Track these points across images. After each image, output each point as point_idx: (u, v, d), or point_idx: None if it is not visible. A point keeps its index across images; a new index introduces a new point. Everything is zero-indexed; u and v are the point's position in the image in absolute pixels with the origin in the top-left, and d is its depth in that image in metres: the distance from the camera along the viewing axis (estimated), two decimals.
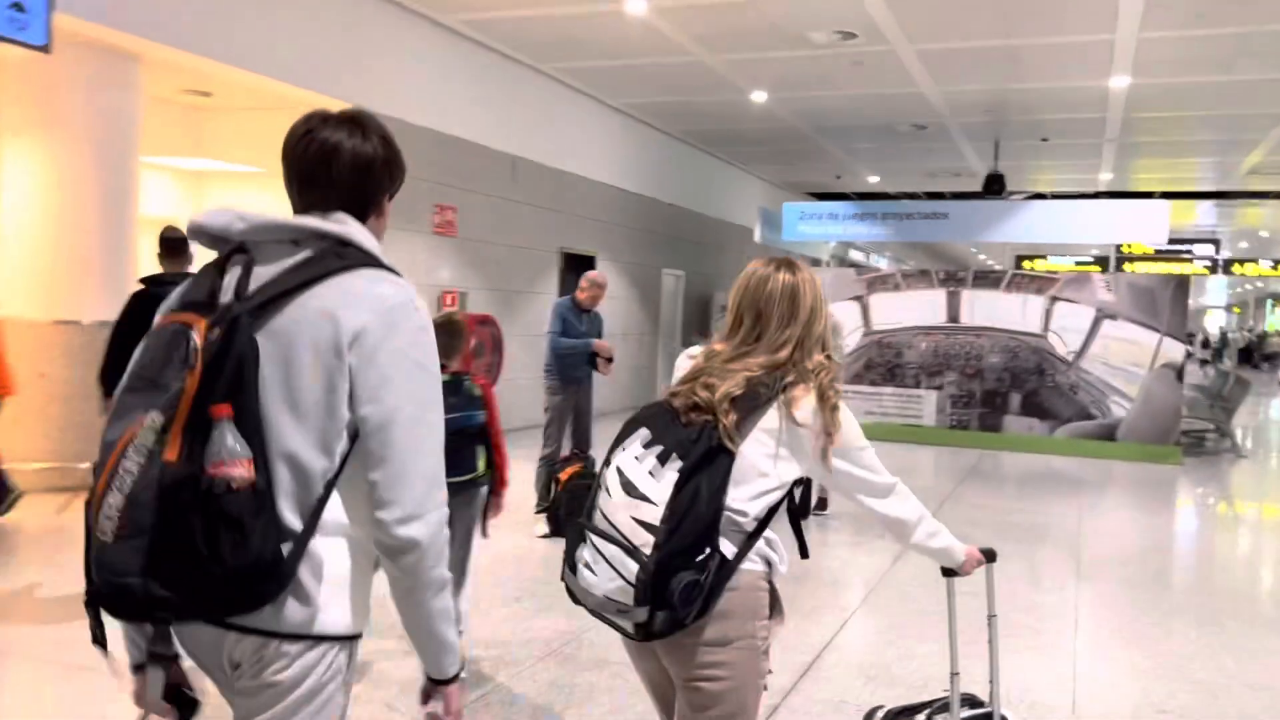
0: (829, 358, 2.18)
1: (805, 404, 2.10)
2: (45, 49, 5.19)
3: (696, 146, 17.35)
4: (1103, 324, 12.25)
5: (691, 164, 17.41)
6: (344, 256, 1.54)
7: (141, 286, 5.09)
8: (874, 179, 20.24)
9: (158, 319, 1.55)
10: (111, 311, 5.63)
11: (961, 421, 12.99)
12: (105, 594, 1.41)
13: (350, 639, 1.56)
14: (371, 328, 1.50)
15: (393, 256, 5.65)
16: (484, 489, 4.01)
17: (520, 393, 12.06)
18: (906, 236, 16.50)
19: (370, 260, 1.55)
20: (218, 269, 1.58)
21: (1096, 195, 20.07)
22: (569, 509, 6.48)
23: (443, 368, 5.42)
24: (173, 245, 4.96)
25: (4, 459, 6.25)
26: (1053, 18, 9.55)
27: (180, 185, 9.72)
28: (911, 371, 13.25)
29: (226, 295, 1.52)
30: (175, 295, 1.61)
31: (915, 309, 13.23)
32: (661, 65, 11.77)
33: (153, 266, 5.10)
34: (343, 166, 1.58)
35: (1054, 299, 12.48)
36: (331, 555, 1.50)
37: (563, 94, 12.85)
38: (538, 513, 6.73)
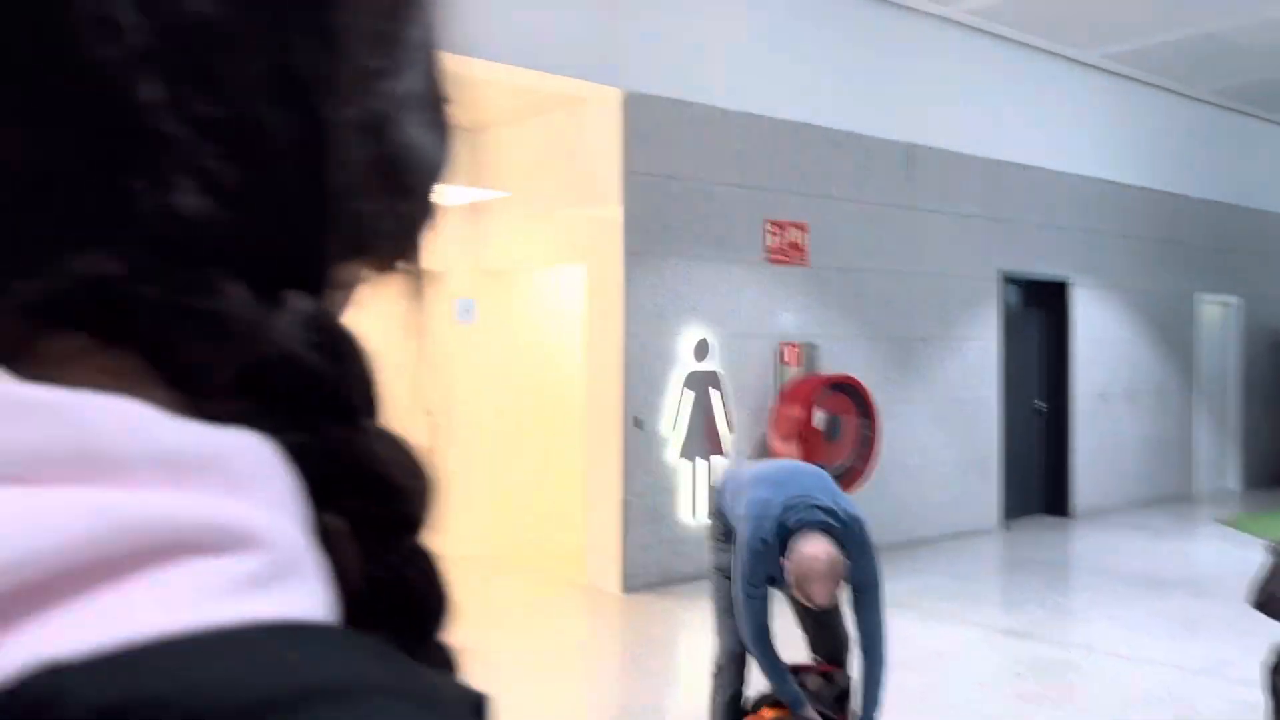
0: None
1: None
2: None
3: (1242, 111, 12.25)
4: None
5: (1237, 138, 12.34)
6: None
7: None
8: None
9: None
10: None
11: None
12: None
13: None
14: None
15: (705, 295, 5.11)
16: None
17: (938, 489, 8.68)
18: None
19: None
20: None
21: None
22: None
23: None
24: None
25: None
26: None
27: (452, 224, 8.08)
28: None
29: None
30: None
31: None
32: None
33: None
34: None
35: None
36: None
37: (988, 47, 9.26)
38: None
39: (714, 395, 7.34)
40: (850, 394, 7.63)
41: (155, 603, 0.23)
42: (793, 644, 3.90)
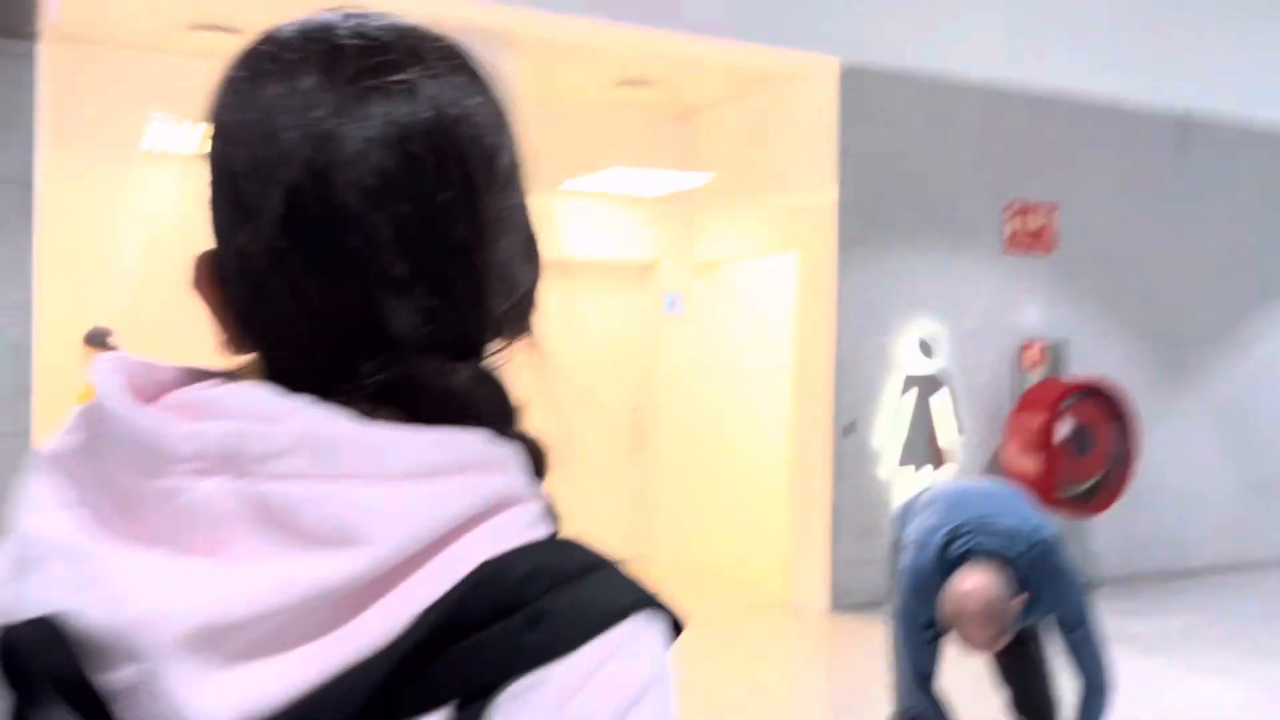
0: None
1: None
2: None
3: None
4: None
5: None
6: None
7: None
8: None
9: None
10: None
11: None
12: None
13: None
14: None
15: (930, 288, 6.43)
16: None
17: (1212, 512, 7.59)
18: None
19: None
20: None
21: None
22: None
23: None
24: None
25: None
26: None
27: (643, 215, 7.74)
28: None
29: None
30: None
31: None
32: None
33: None
34: None
35: None
36: None
37: None
38: None
39: (938, 400, 6.62)
40: (1104, 401, 6.69)
41: (514, 529, 0.53)
42: (976, 698, 3.27)
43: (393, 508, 0.49)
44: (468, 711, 0.49)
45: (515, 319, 0.61)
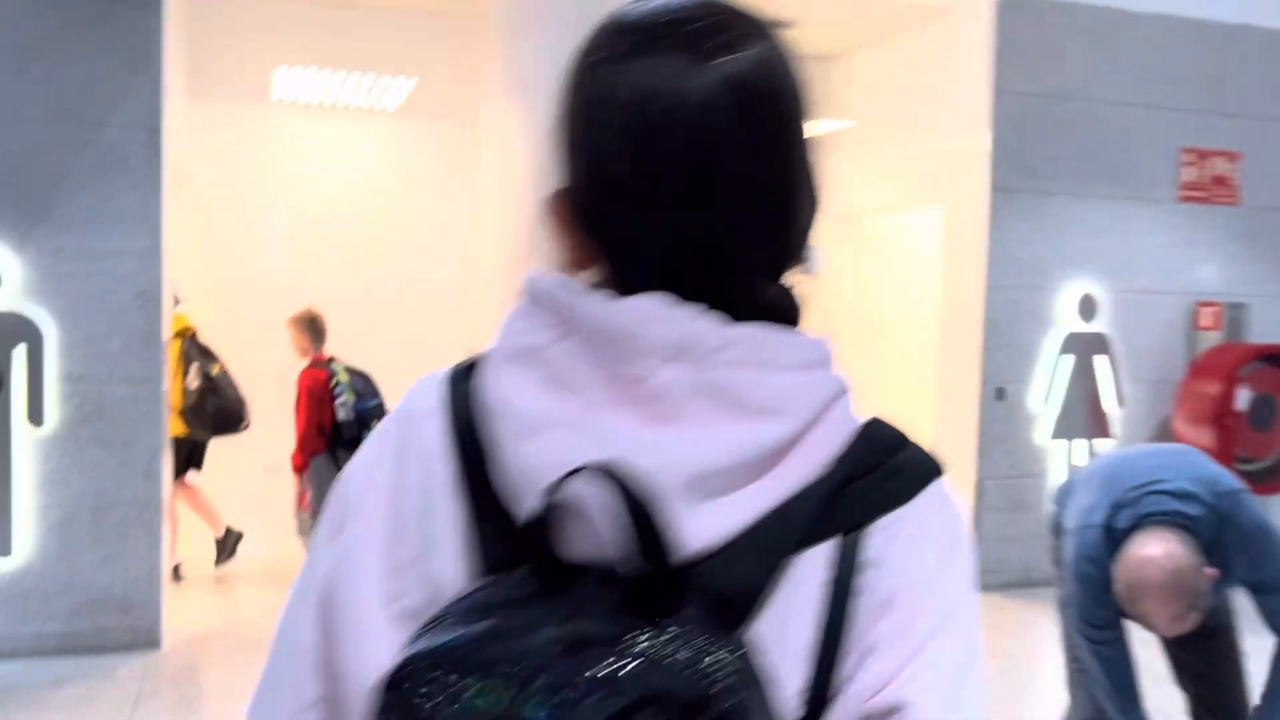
0: None
1: None
2: None
3: None
4: None
5: None
6: None
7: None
8: None
9: None
10: None
11: None
12: None
13: None
14: None
15: (1094, 242, 5.49)
16: None
17: None
18: None
19: None
20: None
21: None
22: None
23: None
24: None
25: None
26: None
27: None
28: None
29: None
30: None
31: None
32: None
33: None
34: None
35: None
36: None
37: None
38: None
39: (1100, 363, 6.10)
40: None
41: (852, 408, 0.71)
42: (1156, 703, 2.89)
43: (799, 388, 0.67)
44: (849, 539, 0.67)
45: (799, 249, 0.74)
